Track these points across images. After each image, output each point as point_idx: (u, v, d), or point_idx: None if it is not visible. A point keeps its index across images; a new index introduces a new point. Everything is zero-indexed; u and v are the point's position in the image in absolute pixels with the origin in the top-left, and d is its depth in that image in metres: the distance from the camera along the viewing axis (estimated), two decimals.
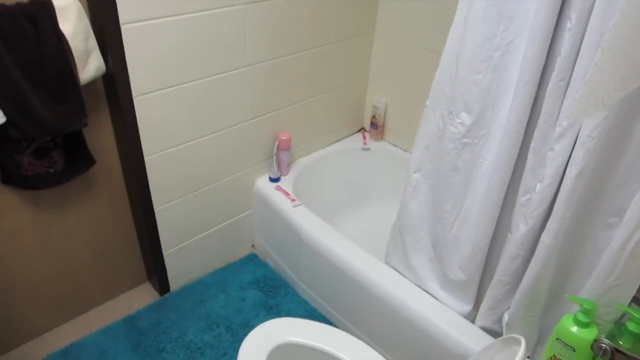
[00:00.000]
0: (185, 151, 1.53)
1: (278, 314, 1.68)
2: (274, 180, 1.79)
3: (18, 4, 1.11)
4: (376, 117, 2.02)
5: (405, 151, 1.99)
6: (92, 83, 1.28)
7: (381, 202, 2.05)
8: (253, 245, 1.99)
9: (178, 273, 1.75)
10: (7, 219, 1.35)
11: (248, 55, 1.53)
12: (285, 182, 1.79)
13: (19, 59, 1.15)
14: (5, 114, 1.15)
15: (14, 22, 1.12)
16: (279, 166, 1.79)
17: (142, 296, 1.74)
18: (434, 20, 1.69)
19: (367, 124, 2.11)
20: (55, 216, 1.44)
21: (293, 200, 1.70)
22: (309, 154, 1.95)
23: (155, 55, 1.33)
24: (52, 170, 1.33)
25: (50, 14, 1.15)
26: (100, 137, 1.43)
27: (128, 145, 1.42)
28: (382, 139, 2.08)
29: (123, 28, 1.24)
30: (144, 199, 1.52)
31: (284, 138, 1.74)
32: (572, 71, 0.93)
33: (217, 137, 1.60)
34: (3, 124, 1.16)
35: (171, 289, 1.76)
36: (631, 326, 0.94)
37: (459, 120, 1.11)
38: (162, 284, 1.72)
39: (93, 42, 1.24)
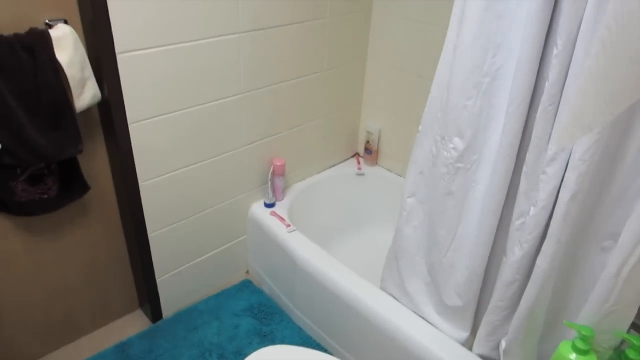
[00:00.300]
0: (180, 177, 1.52)
1: (272, 342, 1.63)
2: (269, 205, 1.77)
3: (15, 35, 1.11)
4: (370, 142, 2.02)
5: (400, 176, 1.98)
6: (87, 110, 1.27)
7: (376, 226, 2.03)
8: (247, 271, 1.95)
9: (171, 299, 1.70)
10: (1, 244, 1.32)
11: (242, 82, 1.53)
12: (280, 208, 1.77)
13: (15, 87, 1.14)
14: (0, 141, 1.14)
15: (11, 52, 1.12)
16: (273, 192, 1.77)
17: (134, 323, 1.69)
18: (424, 48, 1.71)
19: (361, 149, 2.11)
20: (48, 242, 1.41)
21: (288, 225, 1.68)
22: (304, 179, 1.93)
23: (151, 83, 1.33)
24: (46, 196, 1.31)
25: (47, 44, 1.15)
26: (95, 163, 1.41)
27: (123, 171, 1.40)
28: (376, 164, 2.07)
29: (119, 57, 1.25)
30: (138, 225, 1.50)
31: (278, 164, 1.73)
32: (561, 95, 0.93)
33: (212, 163, 1.58)
34: None
35: (164, 315, 1.71)
36: (631, 354, 0.91)
37: (451, 145, 1.10)
38: (154, 310, 1.68)
39: (89, 71, 1.24)
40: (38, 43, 1.14)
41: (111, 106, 1.31)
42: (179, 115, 1.43)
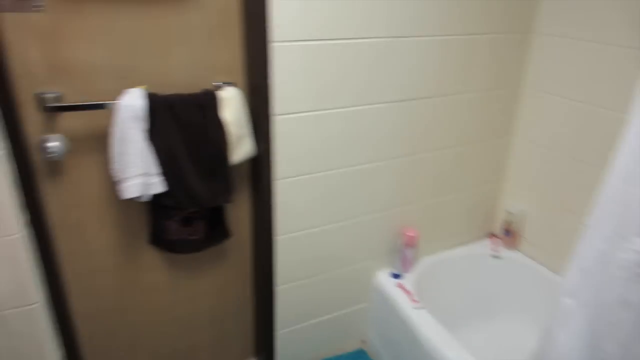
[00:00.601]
0: (312, 236, 1.51)
1: None
2: (396, 276, 1.66)
3: (191, 94, 1.23)
4: (510, 224, 1.82)
5: (544, 266, 1.73)
6: (239, 163, 1.34)
7: (510, 317, 1.78)
8: (363, 341, 1.83)
9: (286, 355, 1.65)
10: (147, 275, 1.42)
11: (383, 150, 1.50)
12: (408, 280, 1.64)
13: (186, 139, 1.25)
14: (164, 185, 1.25)
15: (187, 108, 1.23)
16: (402, 262, 1.66)
17: None
18: (583, 129, 1.51)
19: (498, 230, 1.91)
20: (186, 279, 1.48)
21: (415, 301, 1.54)
22: (434, 253, 1.79)
23: (299, 143, 1.36)
24: (193, 237, 1.39)
25: (215, 103, 1.25)
26: (238, 212, 1.47)
27: (262, 223, 1.43)
28: (515, 248, 1.84)
29: (274, 119, 1.30)
30: (267, 276, 1.50)
31: (410, 234, 1.63)
32: None
33: (344, 225, 1.55)
34: (161, 193, 1.25)
35: None
36: None
37: (632, 247, 0.90)
38: None
39: (247, 129, 1.32)
40: (208, 102, 1.25)
41: (261, 162, 1.36)
42: (322, 176, 1.44)
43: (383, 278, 1.67)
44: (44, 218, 1.21)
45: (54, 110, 1.13)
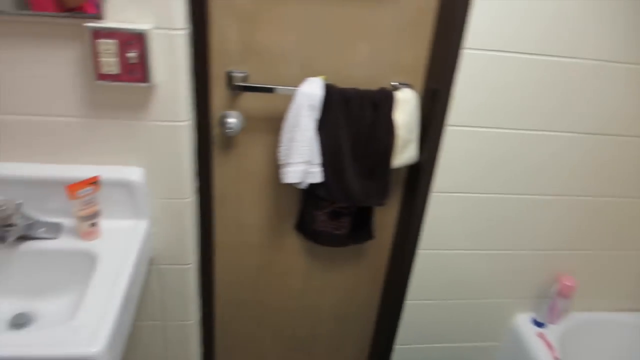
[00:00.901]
0: (456, 257, 1.38)
1: None
2: (539, 324, 1.46)
3: (367, 90, 1.17)
4: None
5: None
6: (396, 168, 1.26)
7: None
8: None
9: None
10: (285, 258, 1.43)
11: (558, 184, 1.30)
12: (552, 332, 1.43)
13: (353, 134, 1.20)
14: (322, 176, 1.22)
15: (361, 104, 1.18)
16: (550, 311, 1.45)
17: None
18: None
19: None
20: (320, 271, 1.47)
21: (557, 358, 1.34)
22: (591, 311, 1.53)
23: (466, 159, 1.24)
24: (338, 232, 1.35)
25: (390, 103, 1.18)
26: (384, 217, 1.41)
27: (408, 233, 1.35)
28: None
29: (446, 129, 1.20)
30: (400, 287, 1.42)
31: (567, 283, 1.41)
32: None
33: (492, 255, 1.39)
34: (316, 183, 1.22)
35: None
36: None
37: None
38: None
39: (415, 134, 1.23)
40: (384, 101, 1.18)
41: (421, 171, 1.27)
42: (481, 198, 1.30)
43: (523, 322, 1.48)
44: (211, 187, 1.26)
45: (239, 89, 1.16)
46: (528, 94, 1.17)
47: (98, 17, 0.91)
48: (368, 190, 1.26)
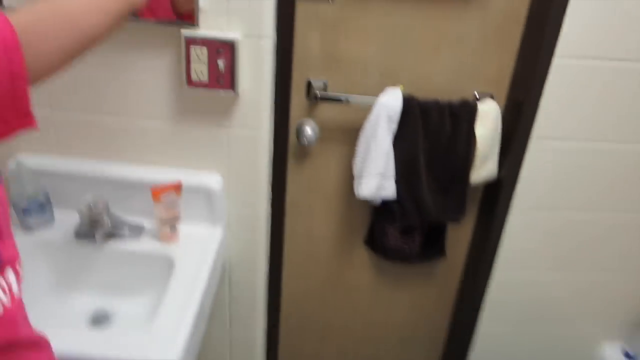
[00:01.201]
0: (533, 279, 1.29)
1: None
2: (630, 357, 1.32)
3: (448, 102, 1.12)
4: None
5: None
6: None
7: None
8: None
9: None
10: (353, 273, 1.38)
11: None
12: None
13: (430, 148, 1.15)
14: (396, 190, 1.17)
15: (440, 116, 1.13)
16: None
17: None
18: None
19: None
20: (388, 288, 1.41)
21: None
22: None
23: (550, 175, 1.16)
24: (408, 248, 1.30)
25: (472, 115, 1.13)
26: (458, 234, 1.33)
27: (484, 253, 1.27)
28: None
29: (531, 143, 1.12)
30: (472, 311, 1.34)
31: None
32: None
33: (578, 277, 1.29)
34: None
35: None
36: None
37: None
38: None
39: (496, 149, 1.16)
40: (465, 113, 1.13)
41: (501, 189, 1.19)
42: (563, 215, 1.21)
43: (611, 354, 1.35)
44: (284, 197, 1.25)
45: (318, 99, 1.14)
46: (623, 104, 1.08)
47: (193, 24, 0.92)
48: (444, 207, 1.20)
